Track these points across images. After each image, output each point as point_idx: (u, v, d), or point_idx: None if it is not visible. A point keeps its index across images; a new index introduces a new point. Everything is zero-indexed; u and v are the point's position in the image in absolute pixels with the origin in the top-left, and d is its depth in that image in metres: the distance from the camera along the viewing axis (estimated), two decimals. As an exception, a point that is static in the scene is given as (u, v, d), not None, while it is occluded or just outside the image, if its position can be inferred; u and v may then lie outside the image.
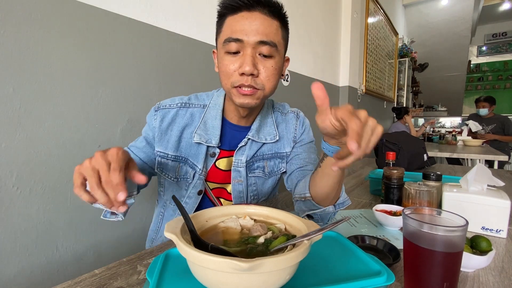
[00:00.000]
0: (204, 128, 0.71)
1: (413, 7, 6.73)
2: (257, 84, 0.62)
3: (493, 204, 0.61)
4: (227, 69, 0.62)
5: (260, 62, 0.61)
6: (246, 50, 0.60)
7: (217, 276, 0.30)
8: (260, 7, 0.59)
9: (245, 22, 0.59)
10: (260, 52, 0.61)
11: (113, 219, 0.58)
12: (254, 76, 0.61)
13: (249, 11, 0.59)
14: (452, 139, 3.34)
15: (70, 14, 0.87)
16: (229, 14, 0.61)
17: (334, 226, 0.34)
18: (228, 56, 0.61)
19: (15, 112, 0.77)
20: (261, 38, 0.59)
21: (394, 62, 4.75)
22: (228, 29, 0.60)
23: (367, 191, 1.04)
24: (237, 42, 0.59)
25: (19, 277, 0.80)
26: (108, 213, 0.58)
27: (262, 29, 0.59)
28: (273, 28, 0.61)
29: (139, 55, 1.07)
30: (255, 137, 0.73)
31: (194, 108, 0.73)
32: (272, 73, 0.63)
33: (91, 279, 0.44)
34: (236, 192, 0.75)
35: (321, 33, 2.44)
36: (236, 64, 0.61)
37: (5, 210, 0.77)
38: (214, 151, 0.72)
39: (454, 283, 0.38)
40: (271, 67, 0.62)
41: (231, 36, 0.59)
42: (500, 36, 7.87)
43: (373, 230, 0.66)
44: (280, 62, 0.64)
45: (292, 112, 0.83)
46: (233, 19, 0.60)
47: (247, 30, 0.58)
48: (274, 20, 0.61)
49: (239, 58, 0.61)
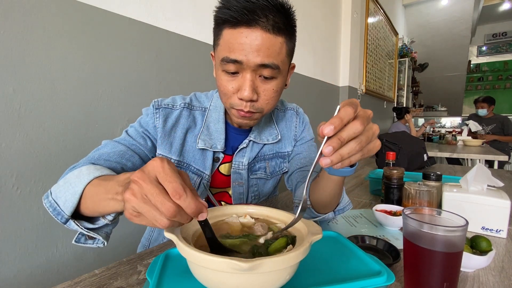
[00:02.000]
0: (207, 133, 0.68)
1: (413, 7, 6.73)
2: (255, 108, 0.59)
3: (493, 204, 0.61)
4: (225, 89, 0.58)
5: (260, 85, 0.57)
6: (245, 73, 0.54)
7: (217, 276, 0.30)
8: (262, 21, 0.51)
9: (245, 41, 0.51)
10: (260, 74, 0.56)
11: (90, 245, 0.48)
12: (254, 101, 0.57)
13: (249, 27, 0.51)
14: (452, 139, 3.34)
15: (70, 14, 0.87)
16: (226, 25, 0.53)
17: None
18: (226, 76, 0.57)
19: (15, 112, 0.77)
20: (262, 61, 0.52)
21: (394, 62, 4.75)
22: (226, 45, 0.54)
23: (367, 191, 1.04)
24: (236, 63, 0.53)
25: (19, 277, 0.80)
26: (82, 237, 0.48)
27: (264, 50, 0.52)
28: (276, 48, 0.53)
29: (139, 55, 1.07)
30: (256, 138, 0.72)
31: (196, 110, 0.70)
32: (272, 96, 0.59)
33: (91, 279, 0.44)
34: (237, 194, 0.73)
35: (321, 33, 2.44)
36: (235, 85, 0.57)
37: (5, 210, 0.77)
38: (218, 156, 0.70)
39: (454, 283, 0.38)
40: (271, 90, 0.58)
41: (228, 56, 0.53)
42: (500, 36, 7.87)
43: (373, 230, 0.66)
44: (281, 83, 0.60)
45: (291, 109, 0.81)
46: (231, 34, 0.53)
47: (246, 51, 0.52)
48: (278, 36, 0.53)
49: (238, 79, 0.56)
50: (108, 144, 0.60)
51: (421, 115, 5.96)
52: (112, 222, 0.48)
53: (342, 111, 0.33)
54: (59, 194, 0.47)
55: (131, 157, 0.60)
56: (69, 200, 0.45)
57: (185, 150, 0.67)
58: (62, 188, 0.47)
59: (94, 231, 0.47)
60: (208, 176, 0.68)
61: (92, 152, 0.58)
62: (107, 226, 0.48)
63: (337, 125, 0.32)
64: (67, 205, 0.45)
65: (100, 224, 0.47)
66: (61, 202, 0.46)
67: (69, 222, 0.46)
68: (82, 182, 0.45)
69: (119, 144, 0.60)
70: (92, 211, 0.45)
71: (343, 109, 0.33)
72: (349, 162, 0.35)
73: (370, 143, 0.36)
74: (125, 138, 0.62)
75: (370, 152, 0.37)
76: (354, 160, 0.36)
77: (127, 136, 0.63)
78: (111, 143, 0.60)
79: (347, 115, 0.33)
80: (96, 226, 0.47)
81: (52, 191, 0.49)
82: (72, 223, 0.45)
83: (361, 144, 0.34)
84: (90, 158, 0.55)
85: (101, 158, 0.55)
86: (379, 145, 0.38)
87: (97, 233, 0.47)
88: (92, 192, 0.44)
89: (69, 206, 0.45)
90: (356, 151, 0.35)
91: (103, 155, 0.56)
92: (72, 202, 0.44)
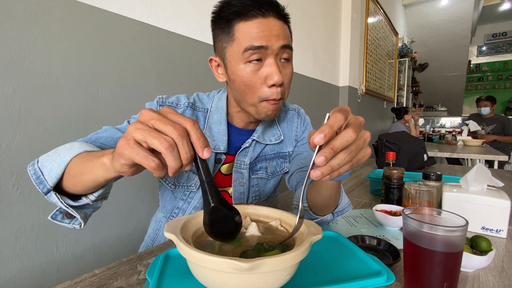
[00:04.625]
0: (209, 135, 0.68)
1: (413, 7, 6.73)
2: (282, 94, 0.60)
3: (493, 204, 0.61)
4: (252, 82, 0.58)
5: (282, 69, 0.59)
6: (269, 58, 0.57)
7: (217, 276, 0.30)
8: (272, 12, 0.57)
9: (265, 28, 0.56)
10: (281, 58, 0.59)
11: (66, 224, 0.48)
12: (282, 86, 0.59)
13: (264, 17, 0.56)
14: (452, 139, 3.34)
15: (70, 14, 0.87)
16: (239, 20, 0.57)
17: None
18: (250, 67, 0.58)
19: (15, 112, 0.77)
20: (284, 42, 0.57)
21: (394, 62, 4.75)
22: (246, 37, 0.56)
23: (367, 191, 1.04)
24: (261, 49, 0.56)
25: (19, 277, 0.80)
26: (59, 214, 0.48)
27: (282, 34, 0.57)
28: (287, 32, 0.60)
29: (139, 55, 1.07)
30: (260, 138, 0.72)
31: (198, 111, 0.70)
32: (290, 80, 0.62)
33: (91, 279, 0.44)
34: (237, 193, 0.73)
35: (321, 33, 2.44)
36: (261, 75, 0.58)
37: (5, 210, 0.77)
38: (220, 157, 0.69)
39: (454, 283, 0.38)
40: (290, 73, 0.61)
41: (253, 43, 0.56)
42: (500, 36, 7.87)
43: (373, 230, 0.66)
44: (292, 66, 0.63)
45: (292, 109, 0.81)
46: (249, 26, 0.56)
47: (269, 36, 0.56)
48: (285, 24, 0.60)
49: (263, 68, 0.58)
50: (108, 130, 0.59)
51: (421, 115, 5.96)
52: (94, 203, 0.47)
53: (332, 118, 0.32)
54: (46, 163, 0.46)
55: None
56: (54, 170, 0.44)
57: None
58: (50, 157, 0.47)
59: (74, 208, 0.46)
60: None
61: (90, 134, 0.58)
62: (87, 206, 0.48)
63: (327, 133, 0.31)
64: (51, 175, 0.44)
65: (81, 202, 0.46)
66: (46, 171, 0.45)
67: (50, 193, 0.45)
68: (70, 154, 0.44)
69: (119, 131, 0.60)
70: (75, 183, 0.44)
71: (332, 116, 0.32)
72: (338, 174, 0.34)
73: (361, 151, 0.36)
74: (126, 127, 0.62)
75: (360, 161, 0.36)
76: (343, 171, 0.35)
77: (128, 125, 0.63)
78: (111, 129, 0.59)
79: (337, 122, 0.32)
80: (77, 204, 0.46)
81: (39, 159, 0.48)
82: (53, 195, 0.45)
83: (351, 154, 0.34)
84: (87, 138, 0.55)
85: (97, 141, 0.55)
86: (369, 153, 0.37)
87: (76, 211, 0.46)
88: (79, 161, 0.43)
89: (53, 176, 0.44)
90: (346, 161, 0.34)
91: (100, 139, 0.56)
92: (56, 172, 0.44)
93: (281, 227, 0.42)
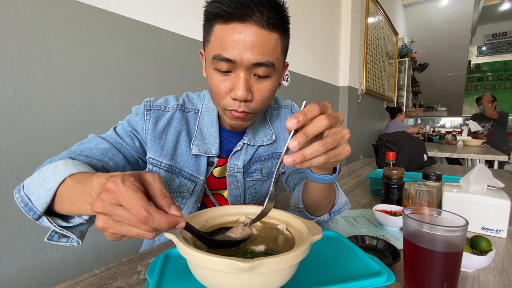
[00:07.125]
0: (201, 138, 0.65)
1: (413, 7, 6.72)
2: (249, 109, 0.55)
3: (493, 204, 0.61)
4: (217, 89, 0.54)
5: (254, 84, 0.53)
6: (238, 71, 0.51)
7: (217, 276, 0.30)
8: (256, 17, 0.48)
9: (238, 38, 0.48)
10: (255, 73, 0.52)
11: (64, 243, 0.46)
12: (248, 101, 0.54)
13: (243, 22, 0.48)
14: (452, 139, 3.34)
15: (70, 14, 0.87)
16: (218, 21, 0.50)
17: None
18: (217, 75, 0.53)
19: (15, 112, 0.77)
20: (257, 59, 0.49)
21: (394, 62, 4.75)
22: (217, 42, 0.50)
23: (367, 191, 1.04)
24: (228, 62, 0.50)
25: (19, 277, 0.80)
26: (55, 235, 0.46)
27: (259, 47, 0.49)
28: (271, 45, 0.50)
29: (139, 55, 1.07)
30: (251, 141, 0.69)
31: (188, 113, 0.67)
32: (266, 96, 0.55)
33: (91, 279, 0.44)
34: (233, 197, 0.71)
35: (321, 33, 2.44)
36: (227, 85, 0.53)
37: (5, 210, 0.77)
38: (212, 160, 0.67)
39: (454, 283, 0.38)
40: (266, 89, 0.55)
41: (221, 54, 0.50)
42: (500, 36, 7.87)
43: (373, 230, 0.66)
44: (277, 81, 0.57)
45: (285, 106, 0.78)
46: (223, 30, 0.49)
47: (240, 49, 0.48)
48: (273, 32, 0.50)
49: (231, 78, 0.53)
50: (93, 140, 0.58)
51: (421, 115, 5.96)
52: (88, 221, 0.46)
53: (307, 107, 0.34)
54: (32, 189, 0.45)
55: (115, 156, 0.58)
56: (42, 197, 0.43)
57: (177, 154, 0.64)
58: (36, 183, 0.45)
59: (68, 229, 0.45)
60: (202, 181, 0.65)
61: (75, 145, 0.56)
62: (82, 224, 0.47)
63: (300, 120, 0.32)
64: (40, 202, 0.43)
65: (74, 222, 0.45)
66: (33, 198, 0.44)
67: (41, 218, 0.44)
68: (57, 179, 0.43)
69: (104, 141, 0.58)
70: (69, 211, 0.43)
71: (308, 105, 0.34)
72: (310, 164, 0.35)
73: (338, 147, 0.35)
74: (111, 136, 0.60)
75: (337, 157, 0.36)
76: (316, 163, 0.35)
77: (114, 133, 0.61)
78: (96, 139, 0.58)
79: (311, 110, 0.33)
80: (71, 224, 0.45)
81: (25, 185, 0.46)
82: (45, 220, 0.43)
83: (326, 146, 0.33)
84: (71, 152, 0.53)
85: (82, 154, 0.54)
86: (348, 151, 0.36)
87: (71, 232, 0.45)
88: (69, 193, 0.42)
89: (42, 202, 0.43)
90: (320, 152, 0.34)
91: (85, 151, 0.54)
92: (45, 199, 0.42)
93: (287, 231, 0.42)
